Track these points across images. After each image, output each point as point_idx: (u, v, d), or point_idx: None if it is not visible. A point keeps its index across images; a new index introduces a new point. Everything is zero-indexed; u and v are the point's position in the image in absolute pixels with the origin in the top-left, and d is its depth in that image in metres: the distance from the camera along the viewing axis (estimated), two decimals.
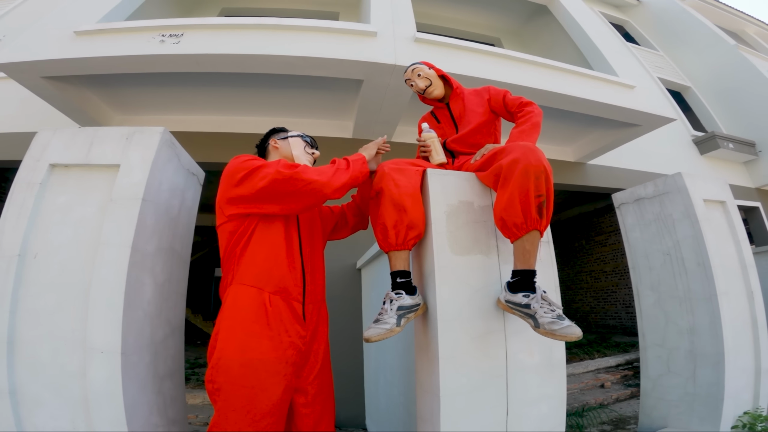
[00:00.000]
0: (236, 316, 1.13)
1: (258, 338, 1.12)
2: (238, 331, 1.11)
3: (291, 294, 1.24)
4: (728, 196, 2.39)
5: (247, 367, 1.09)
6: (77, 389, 1.18)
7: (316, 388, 1.29)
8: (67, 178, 1.39)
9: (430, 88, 1.74)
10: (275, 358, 1.14)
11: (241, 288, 1.18)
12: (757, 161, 6.82)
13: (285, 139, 1.55)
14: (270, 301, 1.18)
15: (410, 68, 1.77)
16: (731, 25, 9.18)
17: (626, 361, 4.70)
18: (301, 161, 1.51)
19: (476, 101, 1.74)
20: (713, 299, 2.08)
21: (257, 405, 1.08)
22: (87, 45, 3.14)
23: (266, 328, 1.15)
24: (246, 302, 1.15)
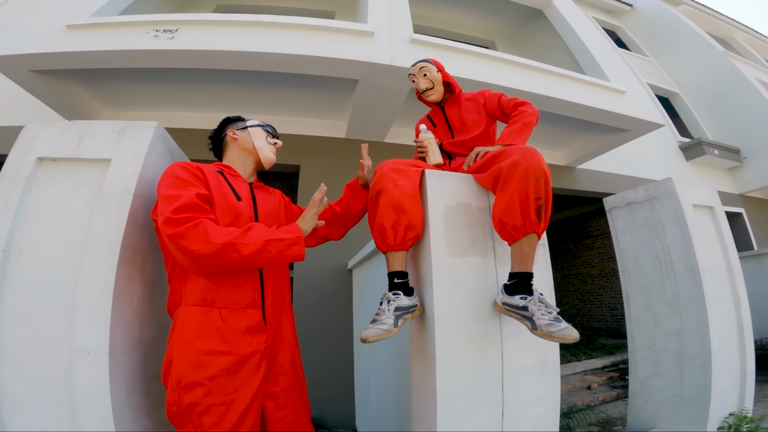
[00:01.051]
0: (187, 338, 1.09)
1: (215, 356, 1.09)
2: (192, 354, 1.07)
3: (246, 302, 1.20)
4: (716, 201, 2.44)
5: (209, 386, 1.06)
6: (63, 390, 1.14)
7: (287, 391, 1.26)
8: (56, 173, 1.34)
9: (430, 91, 1.75)
10: (235, 371, 1.11)
11: (189, 310, 1.13)
12: (741, 168, 6.98)
13: (244, 129, 1.47)
14: (222, 317, 1.14)
15: (419, 64, 1.76)
16: (721, 32, 9.36)
17: (612, 363, 4.76)
18: (265, 152, 1.45)
19: (472, 107, 1.75)
20: (701, 302, 2.12)
21: (227, 419, 1.06)
22: (79, 39, 3.08)
23: (222, 344, 1.11)
24: (196, 323, 1.11)
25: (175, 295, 1.18)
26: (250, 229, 1.12)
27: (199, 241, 1.03)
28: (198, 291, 1.14)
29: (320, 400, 3.23)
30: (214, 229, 1.06)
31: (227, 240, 1.05)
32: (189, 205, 1.06)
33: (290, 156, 3.99)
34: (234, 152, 1.45)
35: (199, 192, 1.13)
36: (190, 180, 1.16)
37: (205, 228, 1.04)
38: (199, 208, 1.09)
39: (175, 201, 1.06)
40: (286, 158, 3.97)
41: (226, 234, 1.06)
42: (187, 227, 1.03)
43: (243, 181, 1.38)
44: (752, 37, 9.78)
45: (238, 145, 1.45)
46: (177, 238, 1.02)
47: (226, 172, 1.35)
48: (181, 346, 1.09)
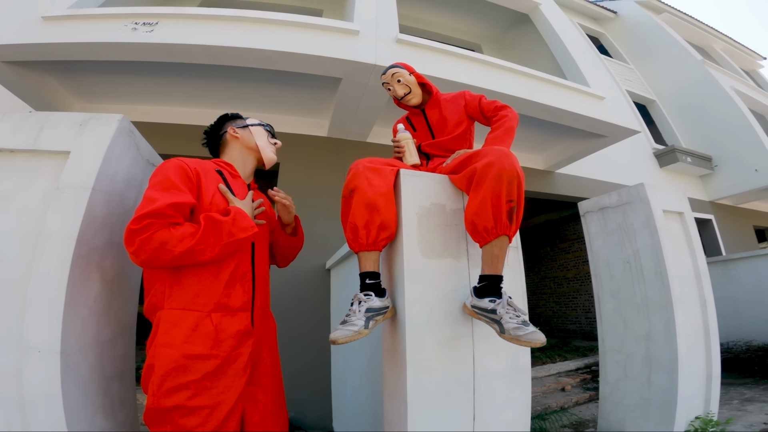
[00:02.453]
0: (174, 343, 1.05)
1: (203, 360, 1.06)
2: (178, 358, 1.04)
3: (237, 306, 1.18)
4: (686, 207, 2.50)
5: (194, 389, 1.04)
6: (12, 390, 1.09)
7: (266, 394, 1.24)
8: (12, 164, 1.27)
9: (409, 95, 1.71)
10: (223, 372, 1.09)
11: (175, 313, 1.09)
12: (712, 176, 7.23)
13: (245, 128, 1.45)
14: (213, 320, 1.11)
15: (390, 71, 1.72)
16: (700, 40, 9.60)
17: (585, 365, 4.85)
18: (267, 152, 1.45)
19: (452, 108, 1.73)
20: (669, 307, 2.17)
21: (211, 421, 1.04)
22: (55, 30, 2.97)
23: (211, 348, 1.09)
24: (185, 328, 1.07)
25: (157, 297, 1.13)
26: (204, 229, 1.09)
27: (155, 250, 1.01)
28: (188, 294, 1.11)
29: (297, 400, 3.18)
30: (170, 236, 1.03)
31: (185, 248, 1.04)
32: (155, 212, 1.03)
33: None
34: (235, 151, 1.43)
35: (177, 201, 1.07)
36: (177, 183, 1.12)
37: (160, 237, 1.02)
38: (164, 216, 1.04)
39: (147, 205, 1.04)
40: None
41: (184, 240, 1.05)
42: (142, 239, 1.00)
43: (242, 182, 1.37)
44: (730, 46, 10.08)
45: (240, 144, 1.42)
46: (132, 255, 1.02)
47: (225, 171, 1.33)
48: (165, 350, 1.05)
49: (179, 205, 1.08)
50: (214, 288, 1.14)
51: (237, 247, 1.17)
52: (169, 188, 1.10)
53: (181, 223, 1.08)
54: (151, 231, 1.01)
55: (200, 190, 1.18)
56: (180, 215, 1.08)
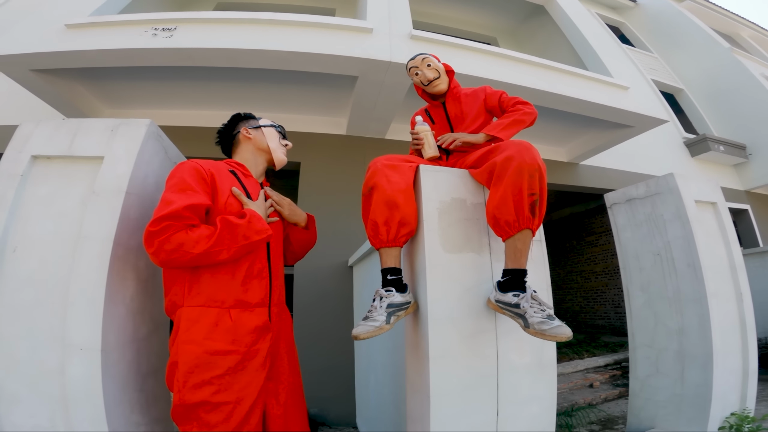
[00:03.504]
0: (196, 339, 1.09)
1: (223, 356, 1.10)
2: (201, 355, 1.08)
3: (255, 302, 1.21)
4: (719, 197, 2.40)
5: (218, 385, 1.07)
6: (56, 387, 1.14)
7: (286, 388, 1.27)
8: (49, 170, 1.34)
9: (437, 80, 1.69)
10: (243, 368, 1.12)
11: (195, 311, 1.13)
12: (747, 164, 6.90)
13: (258, 129, 1.47)
14: (231, 316, 1.15)
15: (420, 56, 1.71)
16: (726, 28, 9.25)
17: (614, 360, 4.73)
18: (278, 154, 1.47)
19: (472, 103, 1.71)
20: (703, 301, 2.08)
21: (234, 417, 1.07)
22: (78, 38, 3.10)
23: (231, 343, 1.12)
24: (206, 324, 1.11)
25: (177, 295, 1.16)
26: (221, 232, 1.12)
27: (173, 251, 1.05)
28: (207, 292, 1.14)
29: (321, 397, 3.24)
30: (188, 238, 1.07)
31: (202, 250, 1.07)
32: (172, 214, 1.06)
33: (291, 153, 3.92)
34: (247, 151, 1.45)
35: (193, 203, 1.11)
36: (192, 185, 1.15)
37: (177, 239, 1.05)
38: (181, 218, 1.08)
39: (165, 207, 1.08)
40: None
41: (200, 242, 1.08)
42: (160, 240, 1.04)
43: (255, 182, 1.39)
44: (758, 33, 9.66)
45: (252, 145, 1.45)
46: (152, 256, 1.06)
47: (238, 171, 1.35)
48: (188, 347, 1.08)
49: (195, 206, 1.11)
50: (232, 285, 1.17)
51: (252, 249, 1.20)
52: (185, 190, 1.13)
53: (197, 224, 1.11)
54: (169, 233, 1.04)
55: (215, 191, 1.21)
56: (196, 217, 1.12)
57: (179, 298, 1.16)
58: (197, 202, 1.12)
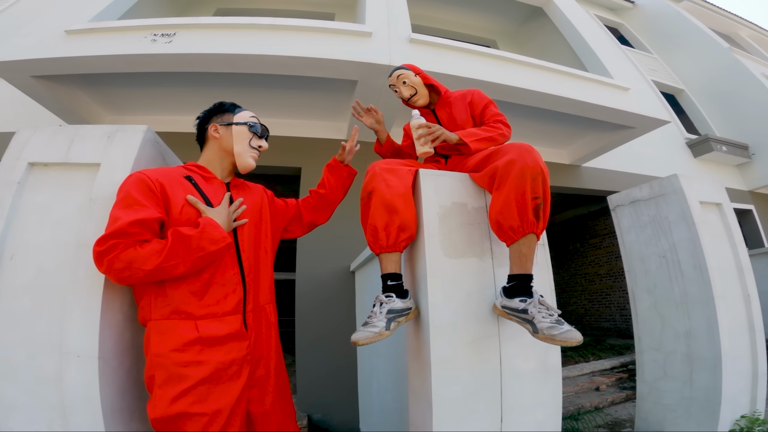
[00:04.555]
0: (163, 352, 1.07)
1: (194, 367, 1.07)
2: (170, 367, 1.06)
3: (225, 310, 1.17)
4: (724, 198, 2.37)
5: (191, 397, 1.05)
6: (54, 394, 1.14)
7: (272, 392, 1.24)
8: (46, 177, 1.34)
9: (415, 96, 1.67)
10: (218, 378, 1.10)
11: (161, 324, 1.10)
12: (750, 164, 6.86)
13: (228, 126, 1.33)
14: (198, 328, 1.11)
15: (395, 73, 1.69)
16: (725, 28, 9.25)
17: (621, 363, 4.68)
18: (243, 159, 1.32)
19: (460, 106, 1.68)
20: (710, 303, 2.06)
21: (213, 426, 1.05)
22: (78, 44, 3.10)
23: (199, 354, 1.09)
24: (171, 337, 1.08)
25: (145, 309, 1.14)
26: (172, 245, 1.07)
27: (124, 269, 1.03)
28: (172, 304, 1.11)
29: (324, 402, 3.21)
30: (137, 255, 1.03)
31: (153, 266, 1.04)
32: (118, 231, 1.03)
33: (291, 158, 3.98)
34: (212, 151, 1.34)
35: (140, 217, 1.06)
36: (139, 199, 1.10)
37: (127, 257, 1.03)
38: (129, 235, 1.04)
39: (111, 225, 1.05)
40: (287, 161, 3.96)
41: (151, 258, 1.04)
42: (109, 259, 1.02)
43: (219, 183, 1.30)
44: (757, 33, 9.66)
45: (218, 145, 1.33)
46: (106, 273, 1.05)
47: (196, 175, 1.27)
48: (158, 360, 1.07)
49: (143, 221, 1.06)
50: (195, 296, 1.13)
51: (211, 259, 1.14)
52: (131, 205, 1.08)
53: (149, 239, 1.07)
54: (117, 251, 1.02)
55: (167, 202, 1.14)
56: (147, 231, 1.07)
57: (147, 312, 1.13)
58: (145, 217, 1.06)
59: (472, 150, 1.40)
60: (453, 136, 1.39)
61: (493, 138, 1.46)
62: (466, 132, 1.44)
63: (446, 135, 1.37)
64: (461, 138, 1.39)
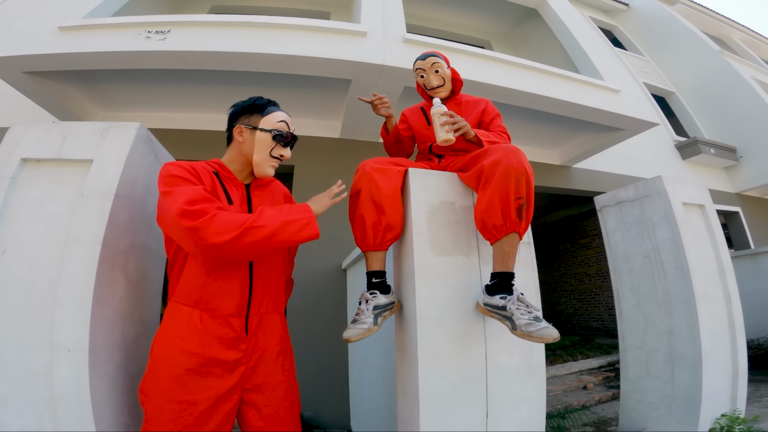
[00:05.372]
0: (168, 333, 1.11)
1: (186, 355, 1.08)
2: (168, 348, 1.09)
3: (228, 310, 1.15)
4: (707, 199, 2.43)
5: (175, 383, 1.06)
6: (44, 387, 1.15)
7: (271, 399, 1.20)
8: (39, 173, 1.35)
9: (440, 88, 1.65)
10: (204, 372, 1.09)
11: (174, 306, 1.14)
12: (737, 167, 6.98)
13: (253, 131, 1.27)
14: (201, 319, 1.12)
15: (430, 59, 1.63)
16: (717, 31, 9.35)
17: (608, 362, 4.75)
18: (261, 168, 1.27)
19: (472, 110, 1.69)
20: (691, 302, 2.11)
21: (185, 417, 1.05)
22: (71, 40, 3.09)
23: (194, 345, 1.09)
24: (177, 320, 1.12)
25: (172, 287, 1.17)
26: (262, 212, 1.11)
27: (217, 233, 1.01)
28: (188, 288, 1.14)
29: (315, 399, 3.23)
30: (230, 217, 1.05)
31: (244, 227, 1.04)
32: (200, 197, 1.05)
33: None
34: (234, 152, 1.30)
35: (203, 186, 1.13)
36: (187, 178, 1.12)
37: (221, 219, 1.03)
38: (209, 200, 1.07)
39: (184, 194, 1.04)
40: None
41: (241, 221, 1.05)
42: (204, 220, 1.01)
43: (239, 184, 1.28)
44: (749, 36, 9.77)
45: (239, 148, 1.28)
46: (196, 230, 1.00)
47: (221, 173, 1.26)
48: (160, 339, 1.12)
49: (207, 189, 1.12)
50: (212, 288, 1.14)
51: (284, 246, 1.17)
52: (185, 182, 1.10)
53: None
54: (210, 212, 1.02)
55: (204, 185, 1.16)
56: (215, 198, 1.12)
57: (171, 291, 1.18)
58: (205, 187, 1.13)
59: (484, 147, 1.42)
60: (471, 132, 1.40)
61: (492, 141, 1.48)
62: (482, 132, 1.46)
63: (468, 128, 1.37)
64: (477, 135, 1.41)
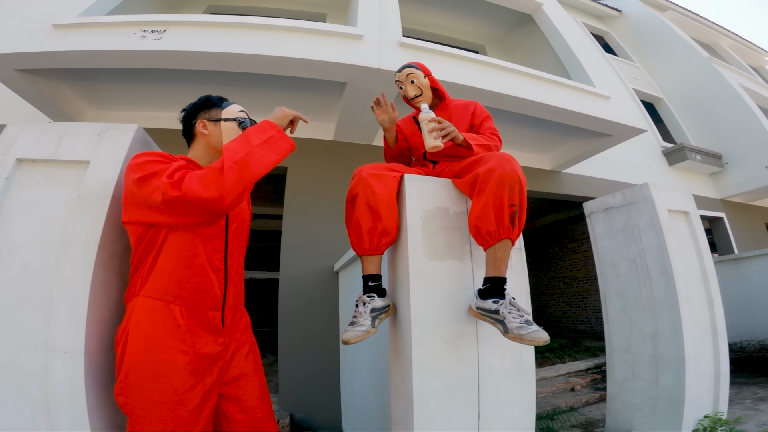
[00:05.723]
0: (144, 330, 1.07)
1: (170, 352, 1.06)
2: (147, 346, 1.05)
3: (208, 303, 1.16)
4: (692, 206, 2.50)
5: (159, 382, 1.04)
6: (38, 389, 1.14)
7: (248, 391, 1.23)
8: (34, 174, 1.34)
9: (420, 98, 1.68)
10: (189, 370, 1.08)
11: (147, 301, 1.09)
12: (722, 173, 7.14)
13: (217, 123, 1.29)
14: (181, 314, 1.10)
15: (405, 71, 1.69)
16: (706, 37, 9.52)
17: (595, 365, 4.84)
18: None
19: (461, 115, 1.71)
20: (675, 306, 2.17)
21: (172, 417, 1.03)
22: (65, 39, 3.07)
23: (178, 342, 1.08)
24: (154, 316, 1.08)
25: (134, 286, 1.14)
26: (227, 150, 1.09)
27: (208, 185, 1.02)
28: (162, 283, 1.11)
29: (306, 402, 3.23)
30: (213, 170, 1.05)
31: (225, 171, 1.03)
32: (180, 167, 1.07)
33: None
34: (200, 148, 1.30)
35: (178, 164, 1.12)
36: (160, 161, 1.12)
37: (204, 174, 1.04)
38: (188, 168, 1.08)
39: (164, 172, 1.03)
40: None
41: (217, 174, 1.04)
42: (190, 179, 1.01)
43: None
44: (737, 43, 9.97)
45: (206, 142, 1.29)
46: (188, 194, 1.00)
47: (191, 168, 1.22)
48: (135, 337, 1.06)
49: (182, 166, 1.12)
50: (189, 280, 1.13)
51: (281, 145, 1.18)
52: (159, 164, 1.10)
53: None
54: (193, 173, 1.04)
55: None
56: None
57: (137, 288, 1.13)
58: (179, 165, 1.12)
59: (474, 153, 1.44)
60: (460, 136, 1.43)
61: (489, 147, 1.52)
62: (471, 135, 1.49)
63: (456, 133, 1.40)
64: (466, 139, 1.44)
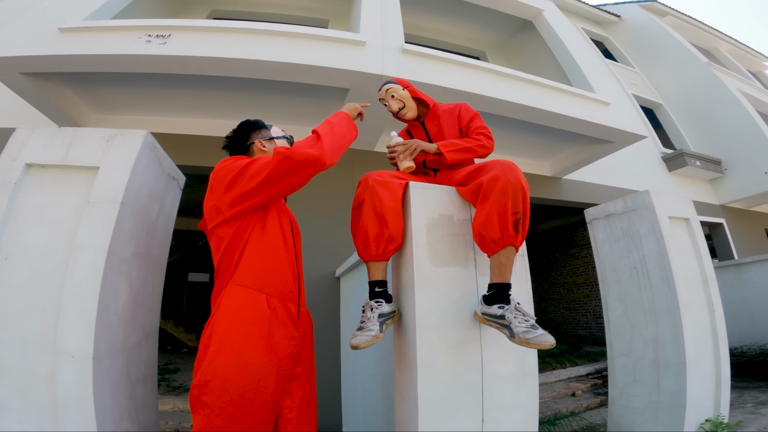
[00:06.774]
0: (234, 318, 1.08)
1: (255, 341, 1.08)
2: (234, 334, 1.06)
3: (288, 296, 1.22)
4: (692, 213, 2.52)
5: (243, 371, 1.04)
6: (45, 393, 1.15)
7: (302, 390, 1.26)
8: (43, 179, 1.36)
9: (404, 110, 1.71)
10: (269, 361, 1.10)
11: (238, 289, 1.13)
12: (722, 179, 7.14)
13: (271, 141, 1.46)
14: (269, 304, 1.15)
15: (384, 87, 1.72)
16: (705, 43, 9.51)
17: (596, 370, 4.83)
18: None
19: (449, 120, 1.72)
20: (676, 311, 2.18)
21: (248, 408, 1.04)
22: (71, 42, 3.08)
23: (265, 330, 1.11)
24: (244, 304, 1.11)
25: (222, 281, 1.17)
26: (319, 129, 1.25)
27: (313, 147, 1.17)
28: (249, 276, 1.15)
29: None
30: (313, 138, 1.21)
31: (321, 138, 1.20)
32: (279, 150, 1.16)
33: None
34: None
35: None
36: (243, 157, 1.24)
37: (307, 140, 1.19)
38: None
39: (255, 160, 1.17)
40: None
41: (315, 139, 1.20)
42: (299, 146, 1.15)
43: None
44: (736, 48, 9.96)
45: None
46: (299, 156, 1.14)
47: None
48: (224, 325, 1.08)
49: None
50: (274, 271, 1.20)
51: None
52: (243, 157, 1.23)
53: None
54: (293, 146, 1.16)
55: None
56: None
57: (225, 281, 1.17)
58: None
59: (448, 160, 1.47)
60: (431, 146, 1.46)
61: (471, 149, 1.53)
62: (445, 143, 1.51)
63: (423, 146, 1.45)
64: (439, 148, 1.47)
